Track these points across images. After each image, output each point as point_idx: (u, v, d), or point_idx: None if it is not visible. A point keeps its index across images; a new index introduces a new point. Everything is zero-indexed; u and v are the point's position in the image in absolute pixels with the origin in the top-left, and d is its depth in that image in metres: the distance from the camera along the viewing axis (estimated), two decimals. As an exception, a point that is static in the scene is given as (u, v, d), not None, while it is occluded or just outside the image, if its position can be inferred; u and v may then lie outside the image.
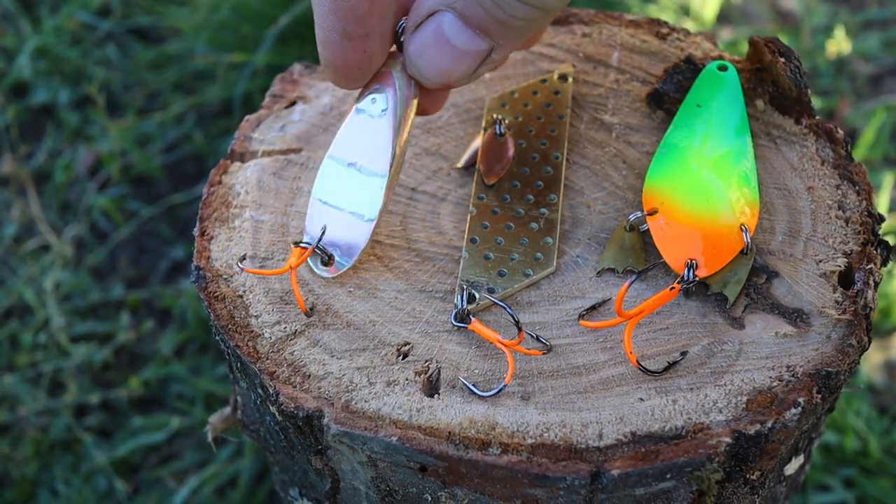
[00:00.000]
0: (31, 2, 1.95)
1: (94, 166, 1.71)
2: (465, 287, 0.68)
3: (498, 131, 0.77)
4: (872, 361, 1.44)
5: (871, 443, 1.32)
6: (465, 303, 0.67)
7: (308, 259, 0.70)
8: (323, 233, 0.69)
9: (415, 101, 0.70)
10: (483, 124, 0.80)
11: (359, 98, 0.70)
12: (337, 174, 0.70)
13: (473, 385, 0.64)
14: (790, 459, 0.74)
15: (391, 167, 0.69)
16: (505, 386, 0.64)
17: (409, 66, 0.68)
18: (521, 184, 0.76)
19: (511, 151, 0.77)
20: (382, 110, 0.69)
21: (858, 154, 1.62)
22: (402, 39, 0.68)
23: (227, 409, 0.83)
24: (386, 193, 0.69)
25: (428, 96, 0.71)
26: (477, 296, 0.68)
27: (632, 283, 0.62)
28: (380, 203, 0.69)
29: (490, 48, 0.65)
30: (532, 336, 0.66)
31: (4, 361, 1.47)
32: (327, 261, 0.70)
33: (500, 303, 0.65)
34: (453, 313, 0.68)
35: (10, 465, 1.37)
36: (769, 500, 0.75)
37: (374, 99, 0.70)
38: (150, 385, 1.44)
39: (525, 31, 0.65)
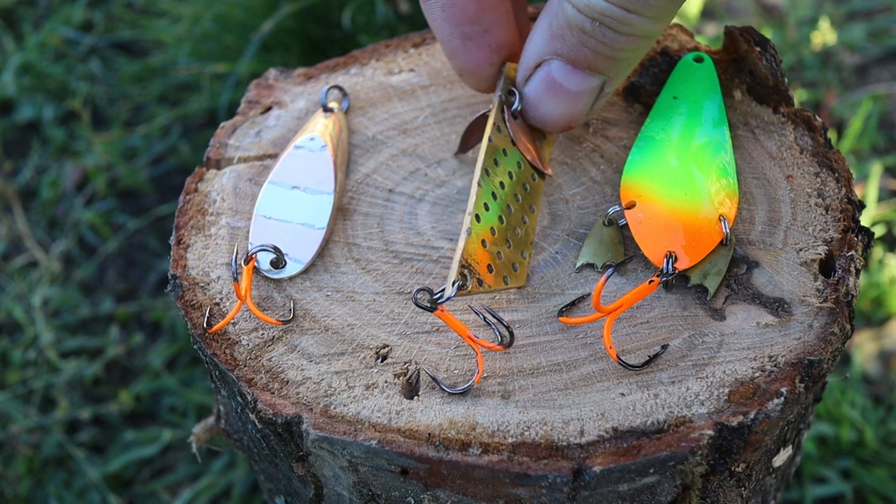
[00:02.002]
0: (13, 18, 1.95)
1: (81, 181, 1.71)
2: (464, 266, 0.63)
3: (515, 107, 0.71)
4: (867, 351, 1.43)
5: (867, 433, 1.31)
6: (454, 290, 0.62)
7: (258, 264, 0.70)
8: (259, 250, 0.69)
9: (344, 130, 0.78)
10: (499, 91, 0.72)
11: (296, 138, 0.77)
12: (280, 195, 0.74)
13: (440, 380, 0.64)
14: (778, 451, 0.73)
15: (336, 186, 0.74)
16: (472, 384, 0.63)
17: (527, 116, 0.71)
18: (515, 179, 0.71)
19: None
20: (322, 146, 0.75)
21: (846, 144, 1.62)
22: None
23: (211, 419, 0.82)
24: (334, 207, 0.74)
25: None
26: (466, 282, 0.64)
27: (608, 276, 0.61)
28: (329, 214, 0.73)
29: (602, 83, 0.67)
30: (495, 318, 0.64)
31: (-5, 379, 1.46)
32: (277, 263, 0.70)
33: (495, 315, 0.64)
34: (432, 297, 0.63)
35: (2, 483, 1.36)
36: (758, 492, 0.75)
37: (312, 138, 0.76)
38: (141, 399, 1.44)
39: (632, 59, 0.67)
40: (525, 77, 0.69)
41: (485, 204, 0.68)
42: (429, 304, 0.62)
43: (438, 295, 0.62)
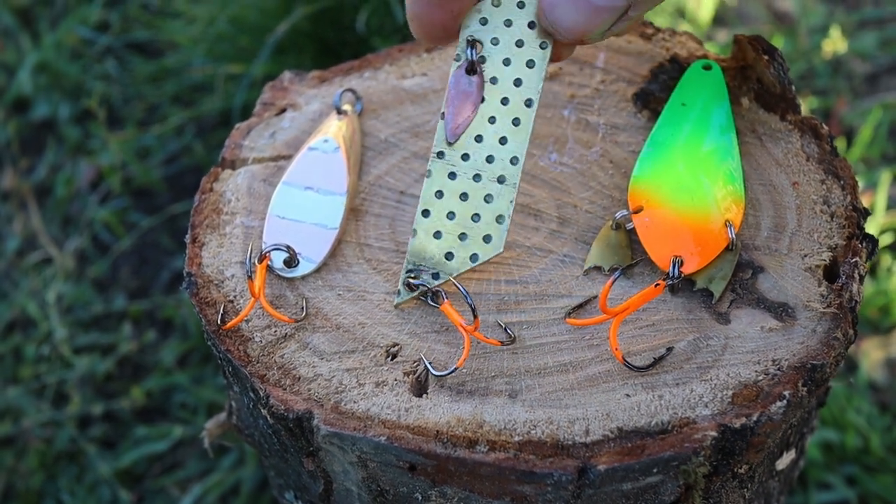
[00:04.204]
0: (30, 17, 1.97)
1: (96, 180, 1.73)
2: (411, 271, 0.69)
3: (469, 56, 0.68)
4: (873, 359, 1.44)
5: (872, 440, 1.32)
6: (406, 293, 0.69)
7: (271, 262, 0.72)
8: (273, 248, 0.71)
9: (357, 132, 0.80)
10: (457, 51, 0.69)
11: (310, 140, 0.79)
12: (294, 195, 0.76)
13: (430, 363, 0.66)
14: (781, 454, 0.74)
15: (348, 187, 0.75)
16: (457, 368, 0.65)
17: (542, 19, 0.66)
18: (485, 137, 0.69)
19: (481, 95, 0.68)
20: (335, 148, 0.76)
21: (856, 152, 1.62)
22: None
23: (223, 415, 0.84)
24: (346, 208, 0.75)
25: (558, 48, 0.69)
26: (418, 284, 0.69)
27: (615, 279, 0.63)
28: (341, 215, 0.74)
29: (627, 5, 0.64)
30: (500, 326, 0.68)
31: (9, 374, 1.48)
32: (290, 262, 0.72)
33: (462, 290, 0.65)
34: (407, 296, 0.69)
35: (14, 477, 1.38)
36: (761, 495, 0.76)
37: (326, 140, 0.77)
38: (152, 395, 1.45)
39: None
40: None
41: (437, 192, 0.68)
42: (434, 303, 0.69)
43: (430, 289, 0.68)
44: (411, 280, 0.69)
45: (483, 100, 0.68)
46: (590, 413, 0.63)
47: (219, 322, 0.69)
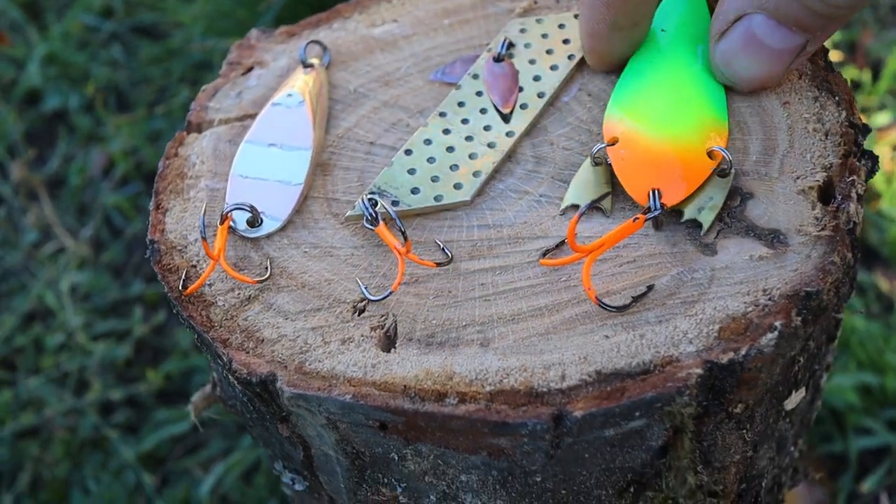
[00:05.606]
0: (37, 9, 1.97)
1: (107, 166, 1.72)
2: (374, 192, 0.68)
3: (499, 52, 0.75)
4: (912, 296, 1.38)
5: (912, 380, 1.26)
6: (368, 207, 0.66)
7: (234, 223, 0.69)
8: (236, 208, 0.68)
9: (324, 86, 0.76)
10: (490, 44, 0.77)
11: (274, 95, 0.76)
12: (257, 153, 0.72)
13: (366, 288, 0.64)
14: (789, 393, 0.70)
15: (314, 141, 0.72)
16: (391, 292, 0.63)
17: (717, 74, 0.68)
18: (489, 110, 0.73)
19: (517, 76, 0.75)
20: (300, 102, 0.73)
21: (883, 84, 1.55)
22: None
23: (209, 387, 0.82)
24: (312, 163, 0.72)
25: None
26: (378, 202, 0.67)
27: (581, 213, 0.58)
28: (306, 170, 0.71)
29: (805, 42, 0.64)
30: (439, 246, 0.66)
31: (30, 364, 1.48)
32: (253, 221, 0.69)
33: (393, 213, 0.64)
34: (365, 218, 0.67)
35: (41, 466, 1.38)
36: (771, 437, 0.71)
37: (290, 94, 0.74)
38: (172, 378, 1.44)
39: (846, 18, 0.62)
40: (721, 31, 0.65)
41: (426, 140, 0.71)
42: (370, 225, 0.66)
43: (372, 215, 0.66)
44: (367, 198, 0.67)
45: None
46: (566, 357, 0.59)
47: (180, 288, 0.66)
